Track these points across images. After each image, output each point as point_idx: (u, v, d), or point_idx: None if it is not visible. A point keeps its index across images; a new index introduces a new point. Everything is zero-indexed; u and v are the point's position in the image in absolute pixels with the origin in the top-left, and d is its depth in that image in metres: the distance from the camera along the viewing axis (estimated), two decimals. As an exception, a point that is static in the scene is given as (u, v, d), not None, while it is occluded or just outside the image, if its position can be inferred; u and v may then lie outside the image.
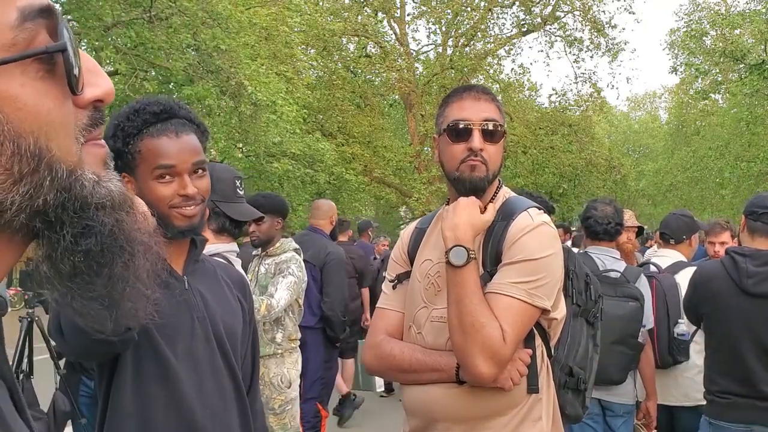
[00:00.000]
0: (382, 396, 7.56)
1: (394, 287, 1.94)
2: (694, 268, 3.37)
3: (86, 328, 0.63)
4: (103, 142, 0.60)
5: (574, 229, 7.91)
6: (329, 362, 4.95)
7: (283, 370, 3.82)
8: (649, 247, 7.62)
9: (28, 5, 0.51)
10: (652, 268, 3.82)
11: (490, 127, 1.76)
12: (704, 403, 3.02)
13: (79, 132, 0.56)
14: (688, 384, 3.58)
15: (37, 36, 0.52)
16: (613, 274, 3.34)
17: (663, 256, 4.03)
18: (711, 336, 3.03)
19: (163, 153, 1.57)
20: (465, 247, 1.67)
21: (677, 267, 3.78)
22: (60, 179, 0.53)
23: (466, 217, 1.70)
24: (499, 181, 1.87)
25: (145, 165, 1.57)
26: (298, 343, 3.98)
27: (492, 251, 1.74)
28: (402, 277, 1.93)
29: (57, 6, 0.56)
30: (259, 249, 3.98)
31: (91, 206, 0.55)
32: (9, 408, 0.57)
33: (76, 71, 0.54)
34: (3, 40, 0.50)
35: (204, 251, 1.78)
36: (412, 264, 1.93)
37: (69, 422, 3.65)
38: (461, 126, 1.76)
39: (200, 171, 1.62)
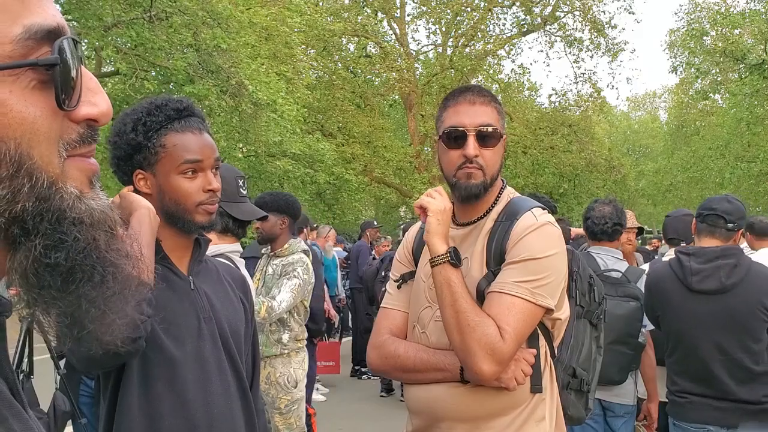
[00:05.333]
0: (382, 396, 7.55)
1: (398, 287, 1.94)
2: None
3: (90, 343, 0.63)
4: (93, 160, 0.59)
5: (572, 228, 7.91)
6: (309, 360, 4.95)
7: (289, 370, 3.82)
8: (652, 250, 7.59)
9: (35, 24, 0.53)
10: None
11: (487, 131, 1.76)
12: None
13: (63, 146, 0.56)
14: None
15: (36, 50, 0.53)
16: (614, 274, 3.35)
17: None
18: (668, 336, 3.04)
19: (189, 148, 1.59)
20: (456, 248, 1.70)
21: None
22: (39, 188, 0.53)
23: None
24: (503, 181, 1.87)
25: (168, 159, 1.58)
26: (305, 343, 3.98)
27: (496, 251, 1.74)
28: (406, 277, 1.93)
29: (65, 24, 0.57)
30: (268, 248, 3.96)
31: (67, 220, 0.55)
32: (13, 403, 0.57)
33: (70, 86, 0.55)
34: (0, 52, 0.52)
35: (207, 251, 1.78)
36: (416, 264, 1.93)
37: (69, 422, 3.65)
38: (456, 132, 1.76)
39: (216, 169, 1.65)
